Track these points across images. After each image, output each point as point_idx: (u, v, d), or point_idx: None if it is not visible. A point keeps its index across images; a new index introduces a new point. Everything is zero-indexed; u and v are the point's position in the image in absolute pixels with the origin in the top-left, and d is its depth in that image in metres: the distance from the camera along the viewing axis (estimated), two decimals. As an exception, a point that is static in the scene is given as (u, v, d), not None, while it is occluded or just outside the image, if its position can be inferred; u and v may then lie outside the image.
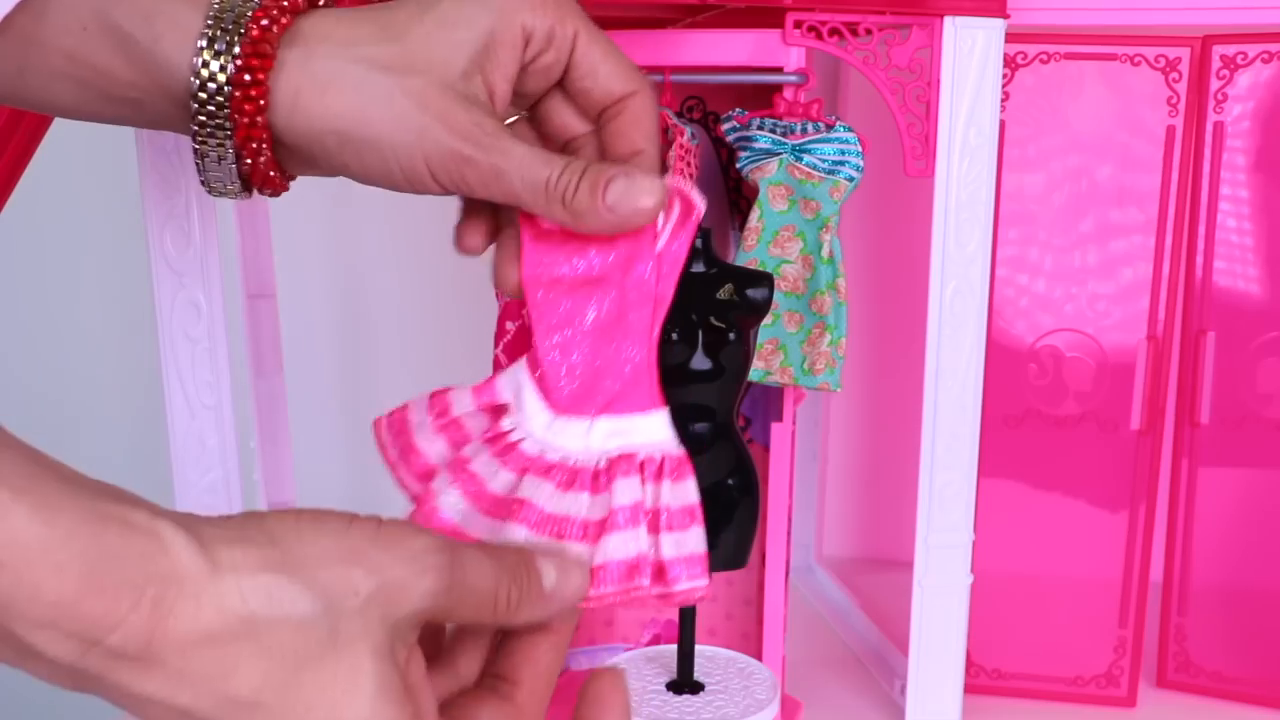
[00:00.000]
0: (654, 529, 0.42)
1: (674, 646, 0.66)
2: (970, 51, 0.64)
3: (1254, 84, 0.70)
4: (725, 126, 0.66)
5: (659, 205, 0.41)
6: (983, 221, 0.66)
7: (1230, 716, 0.75)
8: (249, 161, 0.42)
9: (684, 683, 0.64)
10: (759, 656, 0.70)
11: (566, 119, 0.45)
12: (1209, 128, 0.71)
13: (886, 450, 1.01)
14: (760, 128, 0.64)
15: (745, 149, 0.65)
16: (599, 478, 0.42)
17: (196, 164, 0.43)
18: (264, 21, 0.40)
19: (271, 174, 0.43)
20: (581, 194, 0.40)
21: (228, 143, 0.42)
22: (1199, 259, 0.73)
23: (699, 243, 0.61)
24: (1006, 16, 0.64)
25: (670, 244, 0.42)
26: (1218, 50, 0.70)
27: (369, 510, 0.36)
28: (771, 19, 0.64)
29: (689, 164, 0.64)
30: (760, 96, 0.68)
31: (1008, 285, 0.72)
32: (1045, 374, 0.73)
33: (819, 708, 0.76)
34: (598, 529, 0.41)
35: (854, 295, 0.72)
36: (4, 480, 0.30)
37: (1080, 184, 0.71)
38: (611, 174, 0.40)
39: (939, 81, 0.64)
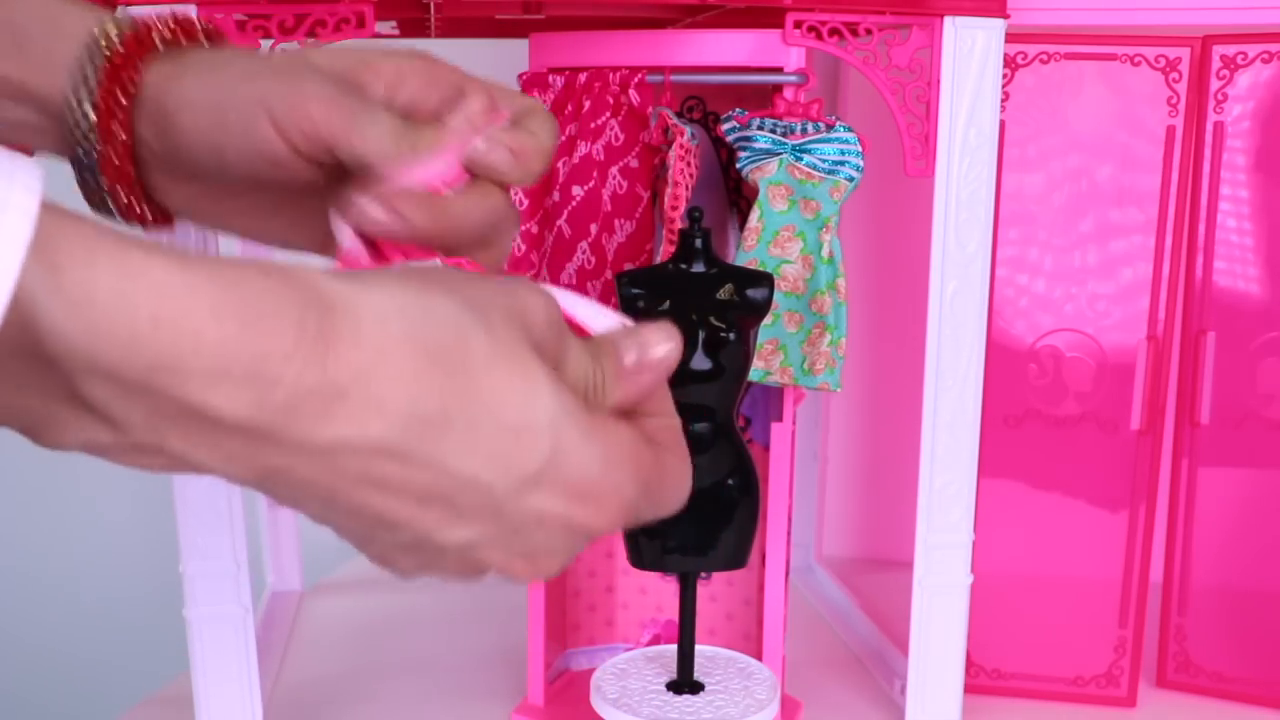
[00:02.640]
0: None
1: (674, 646, 0.65)
2: (970, 51, 0.64)
3: (1254, 84, 0.70)
4: (725, 126, 0.66)
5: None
6: (983, 221, 0.66)
7: (1230, 716, 0.75)
8: (108, 133, 0.42)
9: (684, 683, 0.64)
10: (759, 656, 0.70)
11: None
12: (1209, 128, 0.71)
13: (886, 450, 1.01)
14: (760, 128, 0.64)
15: (745, 149, 0.65)
16: None
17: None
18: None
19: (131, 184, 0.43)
20: (426, 137, 0.40)
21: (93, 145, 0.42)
22: (1199, 259, 0.73)
23: (699, 242, 0.61)
24: (1006, 16, 0.64)
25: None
26: (1218, 50, 0.70)
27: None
28: (771, 19, 0.64)
29: (689, 164, 0.64)
30: (760, 96, 0.68)
31: (1008, 285, 0.72)
32: (1045, 374, 0.73)
33: (819, 708, 0.76)
34: None
35: (854, 295, 0.72)
36: (129, 242, 0.27)
37: (1080, 184, 0.71)
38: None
39: (939, 81, 0.64)
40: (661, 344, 0.37)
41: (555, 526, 0.34)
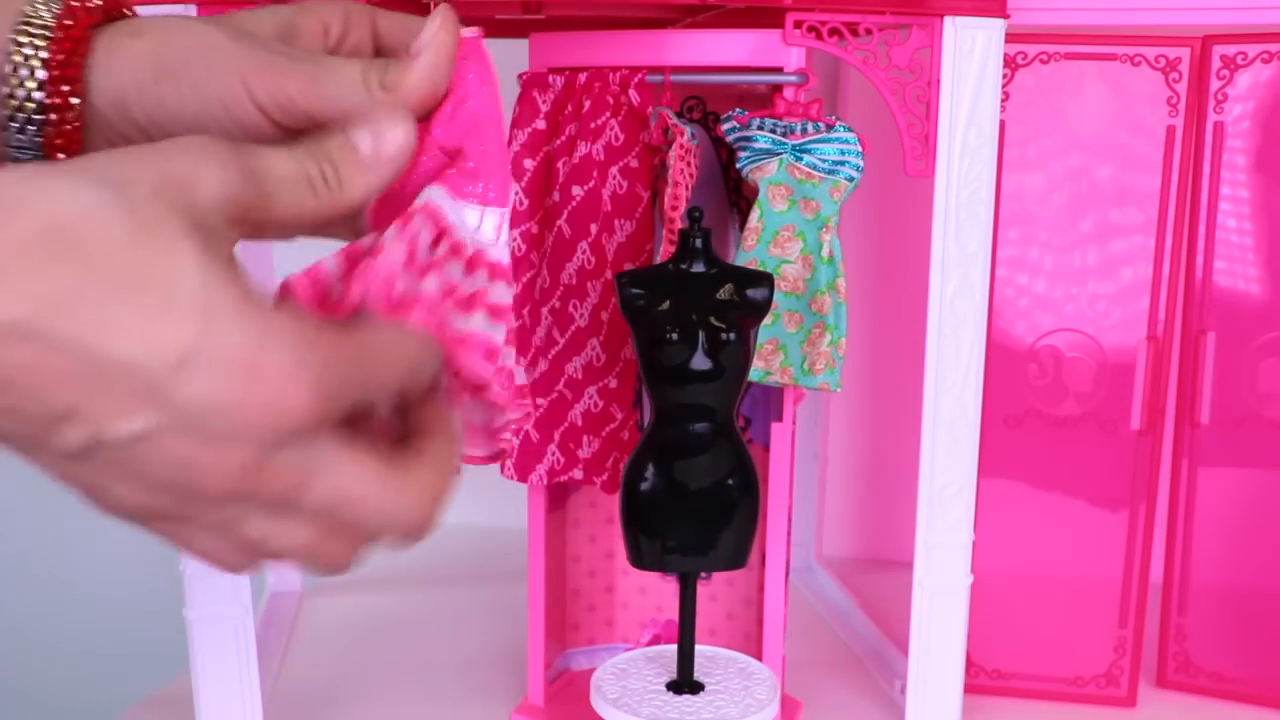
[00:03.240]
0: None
1: (674, 646, 0.65)
2: (970, 51, 0.64)
3: (1254, 84, 0.70)
4: (725, 126, 0.66)
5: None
6: (983, 221, 0.66)
7: (1230, 716, 0.75)
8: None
9: (684, 683, 0.64)
10: (759, 656, 0.70)
11: None
12: (1209, 128, 0.71)
13: (886, 450, 1.01)
14: (760, 128, 0.64)
15: (745, 149, 0.65)
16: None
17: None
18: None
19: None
20: (392, 69, 0.40)
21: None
22: (1199, 259, 0.73)
23: (699, 242, 0.61)
24: (1006, 16, 0.64)
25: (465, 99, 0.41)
26: (1218, 50, 0.70)
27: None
28: (771, 19, 0.64)
29: (689, 164, 0.64)
30: (760, 96, 0.68)
31: (1008, 285, 0.72)
32: (1045, 374, 0.73)
33: (819, 708, 0.76)
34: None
35: (854, 295, 0.72)
36: None
37: (1080, 184, 0.71)
38: (416, 50, 0.41)
39: (939, 81, 0.64)
40: (395, 128, 0.38)
41: (229, 411, 0.32)
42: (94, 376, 0.31)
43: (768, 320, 0.63)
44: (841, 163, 0.64)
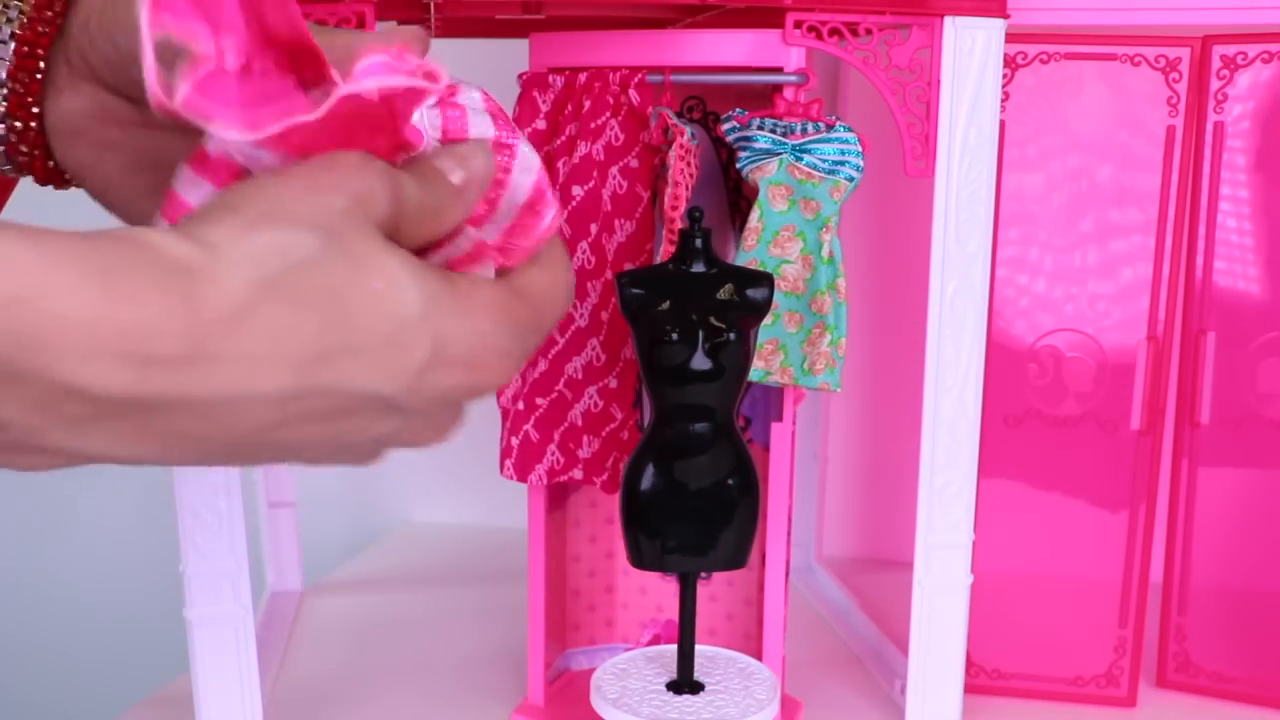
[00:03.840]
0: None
1: (674, 646, 0.65)
2: (970, 51, 0.64)
3: (1254, 84, 0.70)
4: (725, 126, 0.66)
5: None
6: (983, 221, 0.66)
7: (1230, 716, 0.75)
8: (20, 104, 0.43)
9: (684, 683, 0.64)
10: (759, 656, 0.70)
11: None
12: (1209, 128, 0.71)
13: (886, 450, 1.01)
14: (760, 128, 0.64)
15: (745, 149, 0.65)
16: None
17: None
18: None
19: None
20: None
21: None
22: (1199, 259, 0.73)
23: (699, 242, 0.61)
24: (1007, 16, 0.64)
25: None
26: (1218, 50, 0.70)
27: (370, 514, 0.37)
28: (771, 19, 0.64)
29: (689, 164, 0.64)
30: (760, 96, 0.68)
31: (1008, 285, 0.72)
32: (1045, 374, 0.73)
33: (819, 708, 0.76)
34: None
35: (854, 295, 0.72)
36: None
37: (1080, 184, 0.71)
38: None
39: (939, 81, 0.64)
40: (476, 156, 0.38)
41: (456, 398, 0.36)
42: (349, 406, 0.33)
43: (768, 320, 0.63)
44: (841, 163, 0.64)
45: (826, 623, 0.91)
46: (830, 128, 0.64)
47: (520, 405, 0.68)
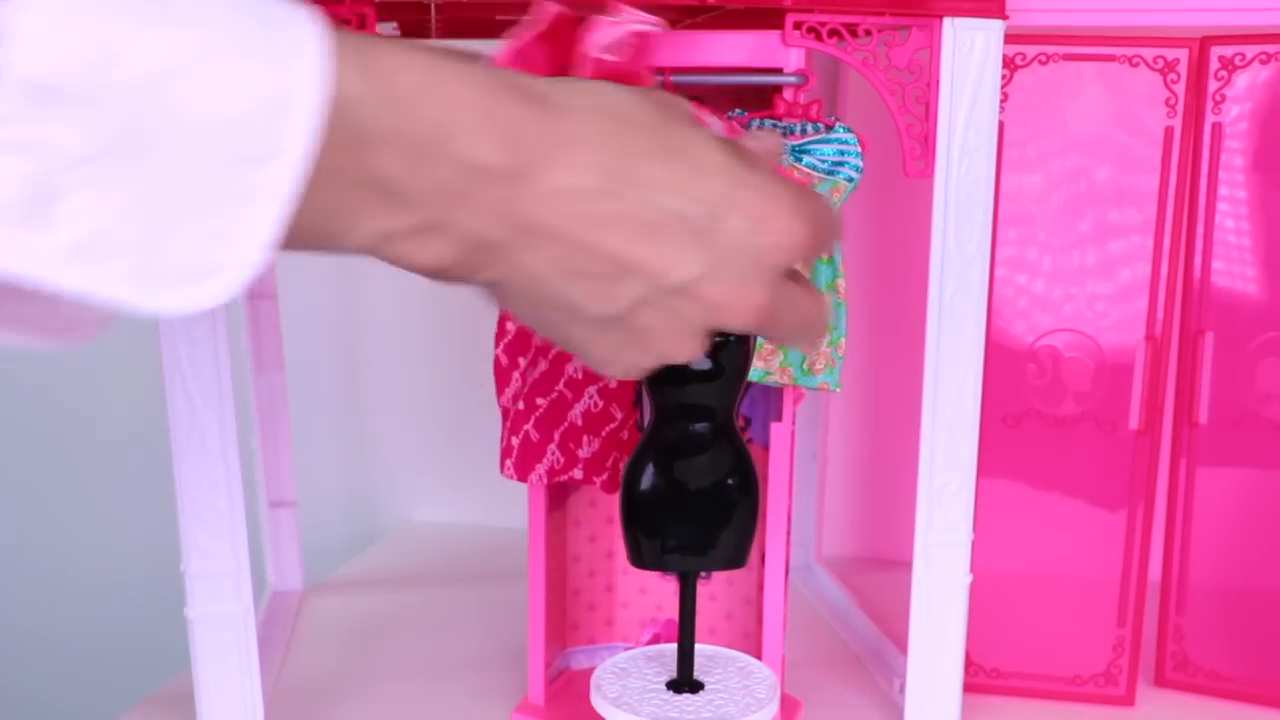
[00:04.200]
0: None
1: (674, 646, 0.66)
2: (969, 52, 0.64)
3: (1252, 85, 0.70)
4: (725, 127, 0.66)
5: None
6: (982, 222, 0.66)
7: (1228, 716, 0.75)
8: None
9: (684, 682, 0.64)
10: (759, 655, 0.70)
11: None
12: (1207, 128, 0.71)
13: (886, 450, 1.01)
14: (760, 128, 0.64)
15: (745, 150, 0.65)
16: None
17: None
18: None
19: None
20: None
21: None
22: (1197, 259, 0.73)
23: None
24: (1005, 17, 0.64)
25: None
26: (1216, 51, 0.70)
27: (371, 513, 0.37)
28: (771, 20, 0.64)
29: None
30: (760, 97, 0.68)
31: (1007, 285, 0.72)
32: (1044, 374, 0.73)
33: (819, 707, 0.77)
34: None
35: (854, 295, 0.72)
36: (404, 44, 0.35)
37: (1079, 184, 0.71)
38: None
39: (938, 82, 0.64)
40: (769, 137, 0.49)
41: (755, 248, 0.41)
42: (658, 220, 0.39)
43: (767, 320, 0.63)
44: (841, 163, 0.64)
45: (826, 622, 0.91)
46: (830, 128, 0.64)
47: (520, 405, 0.69)
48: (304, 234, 0.34)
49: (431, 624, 0.91)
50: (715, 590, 0.78)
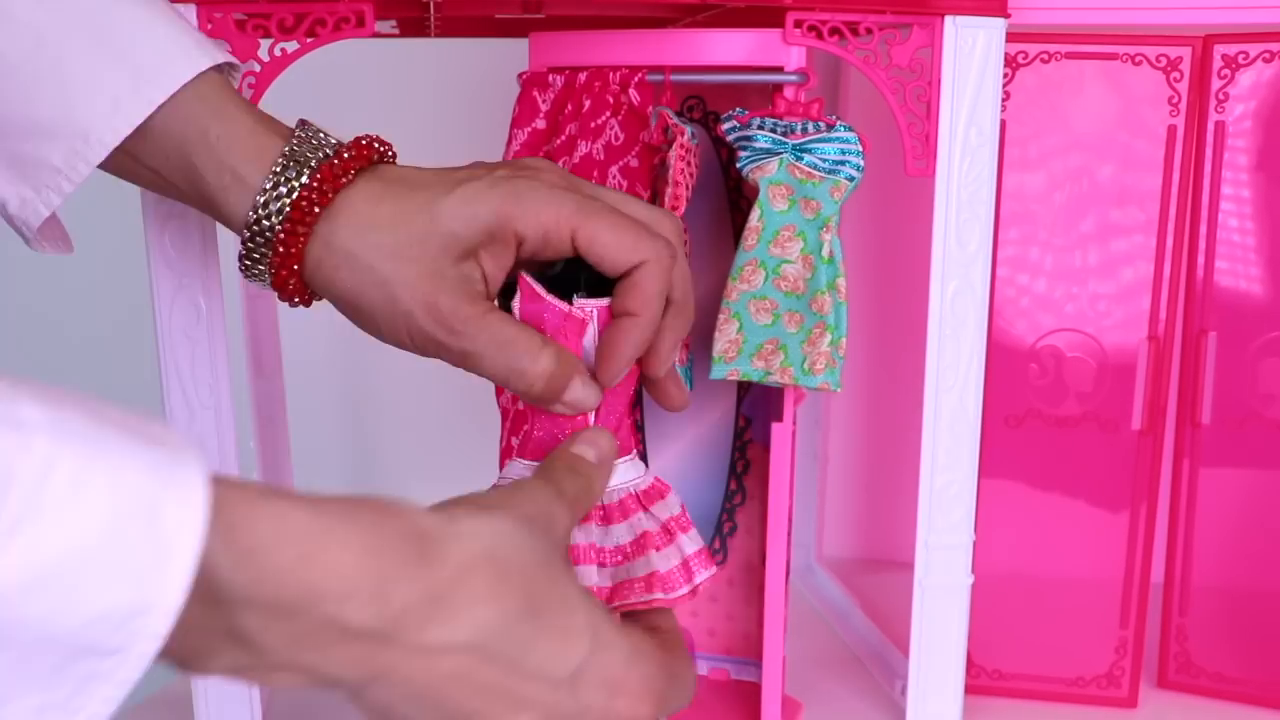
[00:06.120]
0: (656, 546, 0.51)
1: (674, 647, 0.65)
2: (971, 51, 0.63)
3: (1255, 83, 0.70)
4: (725, 126, 0.66)
5: (597, 403, 0.50)
6: (983, 221, 0.66)
7: (1231, 717, 0.75)
8: (282, 285, 0.51)
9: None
10: (759, 656, 0.70)
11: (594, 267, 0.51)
12: (1210, 127, 0.71)
13: (887, 450, 1.01)
14: (760, 127, 0.64)
15: (745, 149, 0.65)
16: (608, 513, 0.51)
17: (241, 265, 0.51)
18: (305, 204, 0.48)
19: (296, 300, 0.52)
20: (540, 394, 0.49)
21: (266, 274, 0.51)
22: (1200, 259, 0.73)
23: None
24: (1007, 16, 0.64)
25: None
26: (1219, 50, 0.70)
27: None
28: (772, 18, 0.64)
29: (689, 164, 0.63)
30: (760, 96, 0.68)
31: (1008, 285, 0.72)
32: (1046, 374, 0.73)
33: (819, 708, 0.76)
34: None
35: (854, 295, 0.71)
36: (274, 496, 0.35)
37: (1081, 183, 0.71)
38: (567, 380, 0.49)
39: (940, 81, 0.64)
40: (602, 439, 0.49)
41: (603, 711, 0.42)
42: (513, 683, 0.39)
43: (768, 320, 0.62)
44: (842, 162, 0.64)
45: (827, 623, 0.91)
46: (831, 127, 0.64)
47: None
48: (158, 658, 0.34)
49: (431, 625, 0.90)
50: (716, 591, 0.78)
